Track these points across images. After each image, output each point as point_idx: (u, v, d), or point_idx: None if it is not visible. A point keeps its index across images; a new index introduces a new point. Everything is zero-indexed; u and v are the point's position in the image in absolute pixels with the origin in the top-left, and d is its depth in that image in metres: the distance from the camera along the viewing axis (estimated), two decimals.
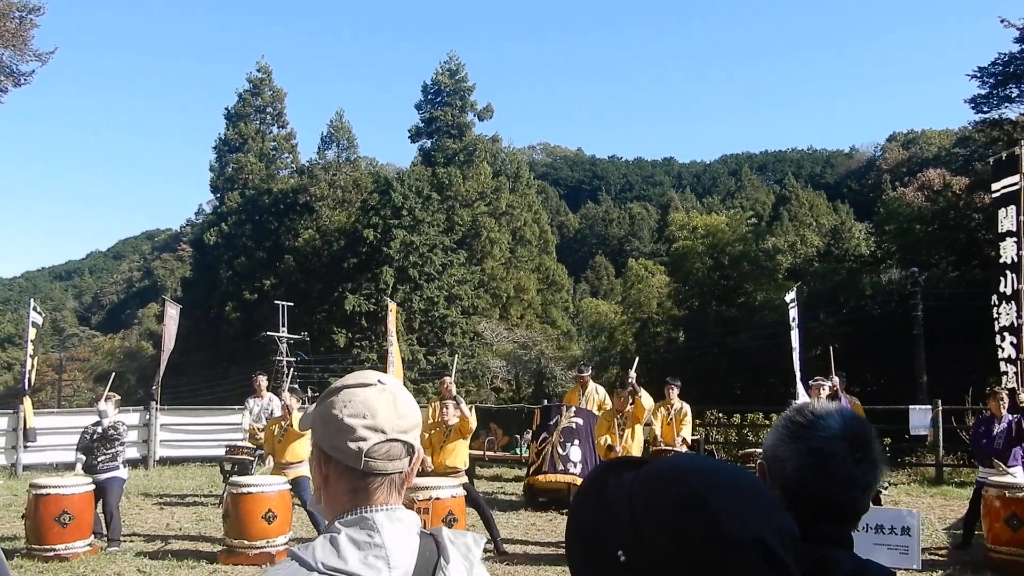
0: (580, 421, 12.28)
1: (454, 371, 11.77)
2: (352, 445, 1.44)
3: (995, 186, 12.32)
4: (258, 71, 58.58)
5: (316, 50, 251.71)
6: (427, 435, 9.30)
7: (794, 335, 14.95)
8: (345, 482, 1.47)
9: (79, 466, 9.80)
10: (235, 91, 59.21)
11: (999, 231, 12.09)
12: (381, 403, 1.47)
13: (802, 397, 13.07)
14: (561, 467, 11.99)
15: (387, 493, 1.47)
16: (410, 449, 1.49)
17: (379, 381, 1.52)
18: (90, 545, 9.05)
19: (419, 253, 48.52)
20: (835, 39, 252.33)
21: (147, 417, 17.89)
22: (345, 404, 1.48)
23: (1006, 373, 11.48)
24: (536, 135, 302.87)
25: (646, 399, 9.87)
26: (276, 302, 44.72)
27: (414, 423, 1.51)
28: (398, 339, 42.49)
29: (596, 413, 12.22)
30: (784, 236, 49.78)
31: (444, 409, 9.42)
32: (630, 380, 9.98)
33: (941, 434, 15.60)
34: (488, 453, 16.76)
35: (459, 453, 9.32)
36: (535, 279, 55.77)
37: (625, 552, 0.97)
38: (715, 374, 37.11)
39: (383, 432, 1.45)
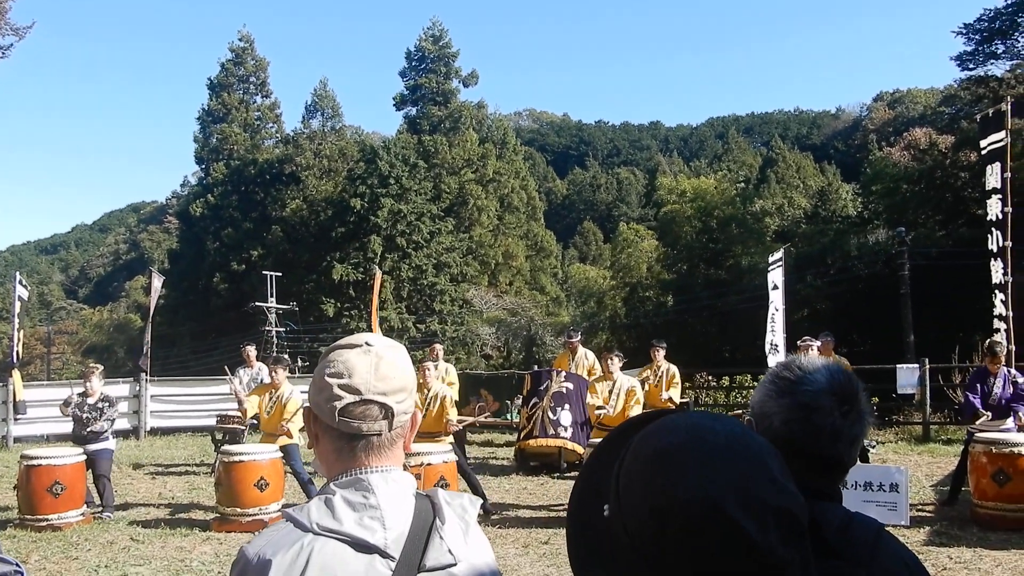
0: (571, 386, 12.32)
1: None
2: (328, 404, 1.46)
3: (982, 143, 12.32)
4: (240, 40, 57.88)
5: (298, 18, 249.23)
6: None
7: (775, 295, 14.84)
8: (329, 441, 1.48)
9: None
10: (217, 61, 58.59)
11: (986, 188, 12.12)
12: (361, 364, 1.48)
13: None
14: (552, 431, 12.05)
15: (370, 454, 1.46)
16: (388, 412, 1.47)
17: (366, 343, 1.52)
18: (83, 515, 9.07)
19: (407, 221, 48.34)
20: None
21: (137, 388, 17.89)
22: (329, 364, 1.50)
23: (998, 330, 11.53)
24: (522, 101, 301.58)
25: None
26: (264, 272, 44.67)
27: (396, 386, 1.50)
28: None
29: (586, 377, 12.28)
30: (771, 198, 49.79)
31: (426, 372, 9.47)
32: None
33: (928, 392, 15.73)
34: (479, 419, 16.82)
35: (440, 417, 9.44)
36: (523, 246, 55.70)
37: (609, 506, 0.96)
38: (704, 337, 37.33)
39: (357, 392, 1.45)
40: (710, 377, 19.93)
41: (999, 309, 11.61)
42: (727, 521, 0.88)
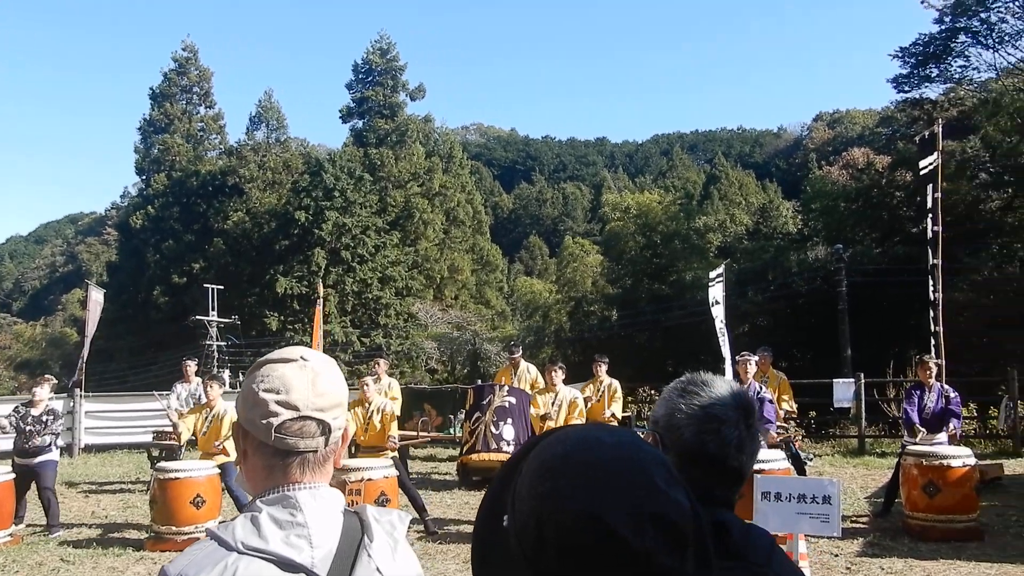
0: (513, 400, 12.32)
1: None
2: (263, 420, 1.42)
3: (921, 164, 12.69)
4: (183, 50, 57.23)
5: (243, 29, 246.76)
6: (354, 412, 9.50)
7: (716, 310, 15.02)
8: (261, 458, 1.45)
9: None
10: (160, 70, 57.81)
11: (925, 208, 12.46)
12: (298, 379, 1.45)
13: (729, 374, 13.20)
14: (494, 445, 12.03)
15: (303, 471, 1.44)
16: (326, 428, 1.45)
17: (301, 357, 1.49)
18: (11, 535, 8.81)
19: (351, 235, 48.06)
20: (763, 20, 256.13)
21: (71, 404, 17.47)
22: (263, 379, 1.46)
23: (937, 345, 11.85)
24: (469, 116, 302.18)
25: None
26: (206, 285, 43.99)
27: (334, 402, 1.48)
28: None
29: (528, 392, 12.30)
30: (714, 215, 50.43)
31: (365, 388, 9.48)
32: None
33: (863, 406, 16.06)
34: (422, 434, 16.74)
35: (383, 432, 9.44)
36: (469, 260, 55.70)
37: (507, 518, 0.97)
38: (648, 351, 37.61)
39: (296, 409, 1.43)
40: (653, 391, 20.05)
41: (933, 325, 11.92)
42: (604, 528, 0.90)
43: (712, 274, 15.76)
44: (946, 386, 9.68)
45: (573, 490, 0.92)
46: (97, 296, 19.42)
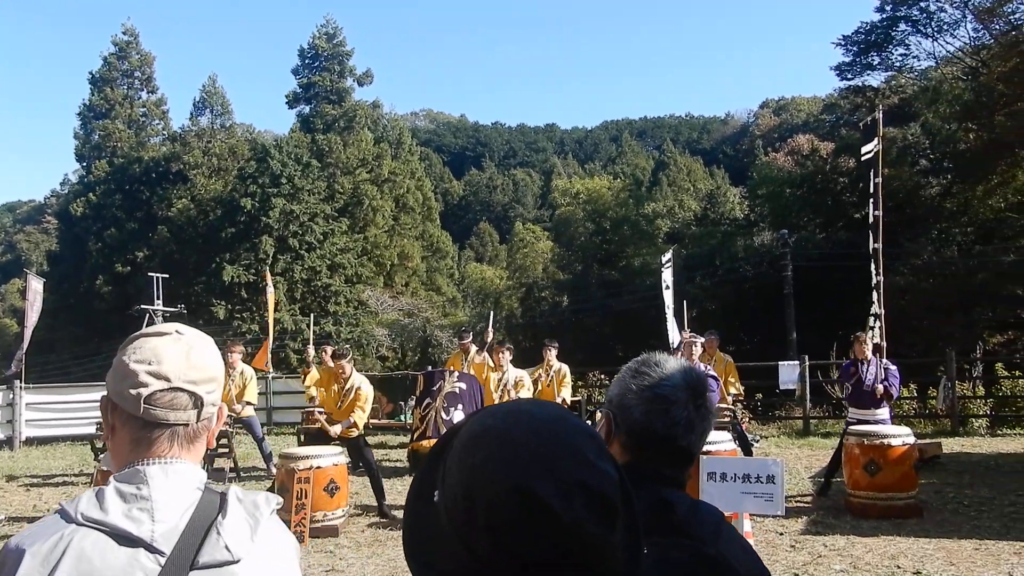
0: (464, 386, 12.31)
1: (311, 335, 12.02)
2: (132, 391, 1.41)
3: (863, 150, 12.92)
4: (124, 34, 55.83)
5: (186, 13, 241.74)
6: (324, 394, 9.90)
7: (667, 295, 15.27)
8: (128, 431, 1.43)
9: None
10: (99, 54, 56.38)
11: (868, 193, 12.70)
12: (171, 351, 1.44)
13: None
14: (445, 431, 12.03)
15: (171, 446, 1.43)
16: (198, 401, 1.45)
17: (176, 331, 1.49)
18: None
19: (299, 222, 47.53)
20: (709, 7, 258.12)
21: (11, 396, 17.09)
22: (134, 351, 1.45)
23: (872, 328, 12.12)
24: (418, 102, 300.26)
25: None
26: (150, 274, 43.20)
27: (208, 376, 1.47)
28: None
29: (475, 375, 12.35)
30: (663, 201, 50.85)
31: (341, 371, 9.60)
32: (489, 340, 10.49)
33: (808, 388, 16.37)
34: (372, 421, 16.68)
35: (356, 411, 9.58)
36: (419, 247, 55.40)
37: (437, 493, 0.98)
38: (598, 336, 37.89)
39: (167, 380, 1.42)
40: (603, 376, 20.22)
41: (874, 307, 12.17)
42: (533, 499, 0.90)
43: (663, 259, 15.98)
44: (886, 360, 9.90)
45: (501, 462, 0.93)
46: (37, 286, 19.00)
